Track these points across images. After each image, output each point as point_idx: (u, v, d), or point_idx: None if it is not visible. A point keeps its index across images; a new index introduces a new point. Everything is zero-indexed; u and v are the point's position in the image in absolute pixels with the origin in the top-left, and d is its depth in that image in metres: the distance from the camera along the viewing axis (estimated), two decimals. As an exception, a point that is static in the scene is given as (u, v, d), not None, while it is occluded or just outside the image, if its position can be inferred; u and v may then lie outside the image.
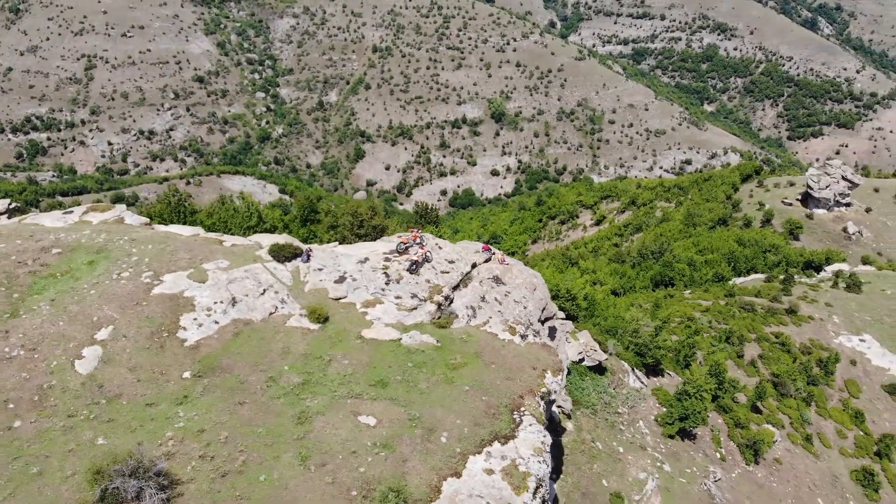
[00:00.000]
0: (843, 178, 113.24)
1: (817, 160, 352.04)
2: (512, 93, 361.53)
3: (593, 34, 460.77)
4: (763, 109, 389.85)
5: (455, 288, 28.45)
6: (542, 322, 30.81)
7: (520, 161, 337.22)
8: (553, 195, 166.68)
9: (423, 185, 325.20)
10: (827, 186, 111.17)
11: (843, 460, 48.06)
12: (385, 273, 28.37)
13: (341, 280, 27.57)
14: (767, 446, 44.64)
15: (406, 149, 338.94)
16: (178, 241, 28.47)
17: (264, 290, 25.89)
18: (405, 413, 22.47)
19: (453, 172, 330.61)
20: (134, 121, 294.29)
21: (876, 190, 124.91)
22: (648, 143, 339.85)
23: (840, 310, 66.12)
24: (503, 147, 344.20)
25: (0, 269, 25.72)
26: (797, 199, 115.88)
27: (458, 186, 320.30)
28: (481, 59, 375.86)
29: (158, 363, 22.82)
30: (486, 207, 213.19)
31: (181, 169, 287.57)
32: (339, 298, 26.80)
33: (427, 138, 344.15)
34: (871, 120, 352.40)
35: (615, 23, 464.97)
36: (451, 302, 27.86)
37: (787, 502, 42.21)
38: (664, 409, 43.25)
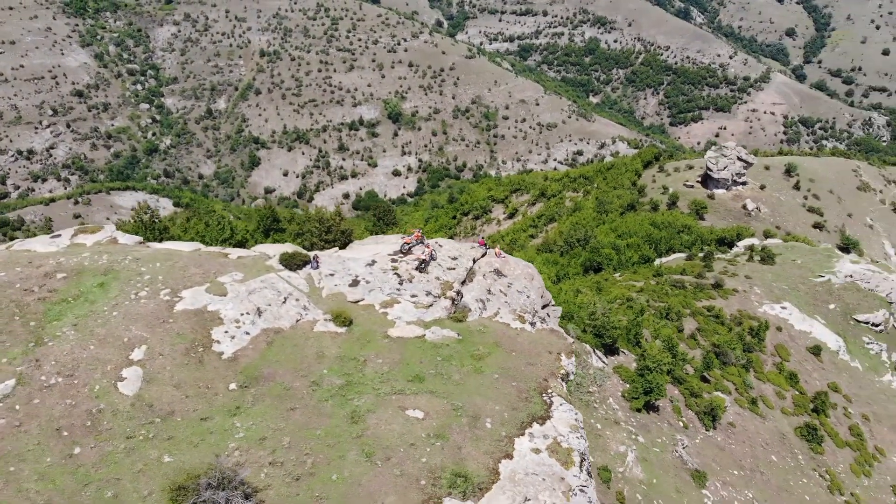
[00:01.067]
0: (739, 159, 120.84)
1: (699, 143, 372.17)
2: (407, 93, 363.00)
3: (480, 32, 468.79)
4: (645, 98, 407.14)
5: (463, 283, 29.59)
6: (543, 308, 32.42)
7: (420, 160, 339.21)
8: (465, 192, 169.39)
9: (324, 189, 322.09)
10: (724, 167, 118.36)
11: (786, 419, 52.21)
12: (396, 274, 29.17)
13: (355, 283, 28.17)
14: (722, 412, 48.07)
15: (303, 153, 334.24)
16: (183, 257, 28.24)
17: (285, 299, 26.20)
18: (448, 404, 23.46)
19: (354, 175, 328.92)
20: (11, 141, 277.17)
21: (766, 168, 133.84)
22: (541, 136, 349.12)
23: (759, 281, 71.22)
24: (403, 147, 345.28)
25: (7, 298, 24.93)
26: (697, 181, 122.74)
27: (361, 189, 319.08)
28: (373, 60, 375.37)
29: (201, 378, 22.87)
30: (398, 207, 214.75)
31: (65, 189, 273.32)
32: (358, 301, 27.42)
33: (325, 142, 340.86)
34: (745, 102, 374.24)
35: (500, 20, 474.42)
36: (462, 296, 28.97)
37: (746, 461, 45.66)
38: (628, 385, 45.81)
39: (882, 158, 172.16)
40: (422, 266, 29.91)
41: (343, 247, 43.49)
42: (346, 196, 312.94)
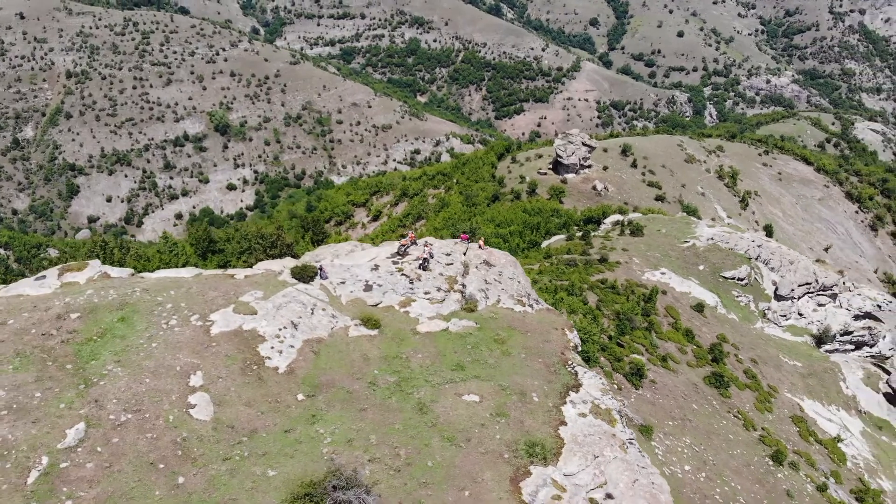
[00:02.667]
0: (584, 144, 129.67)
1: (523, 134, 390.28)
2: (232, 103, 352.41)
3: (299, 37, 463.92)
4: (469, 95, 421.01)
5: (462, 276, 31.40)
6: (529, 292, 34.97)
7: (255, 171, 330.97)
8: (323, 199, 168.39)
9: (154, 211, 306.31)
10: (572, 153, 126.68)
11: (693, 371, 58.17)
12: (403, 275, 30.48)
13: (369, 288, 29.19)
14: (646, 371, 52.95)
15: (127, 176, 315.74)
16: (192, 283, 27.99)
17: (312, 310, 26.88)
18: (495, 385, 25.47)
19: (185, 193, 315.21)
20: None
21: (605, 150, 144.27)
22: (378, 138, 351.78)
23: (635, 252, 77.91)
24: (235, 159, 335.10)
25: (29, 345, 23.93)
26: (549, 168, 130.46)
27: (194, 207, 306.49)
28: (192, 73, 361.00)
29: (268, 393, 23.33)
30: (248, 222, 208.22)
31: None
32: (377, 304, 28.53)
33: (149, 161, 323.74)
34: (561, 92, 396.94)
35: (318, 25, 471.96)
36: (466, 288, 30.80)
37: (675, 412, 50.77)
38: (565, 359, 49.50)
39: (700, 132, 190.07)
40: (424, 264, 31.47)
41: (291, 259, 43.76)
42: (179, 216, 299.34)
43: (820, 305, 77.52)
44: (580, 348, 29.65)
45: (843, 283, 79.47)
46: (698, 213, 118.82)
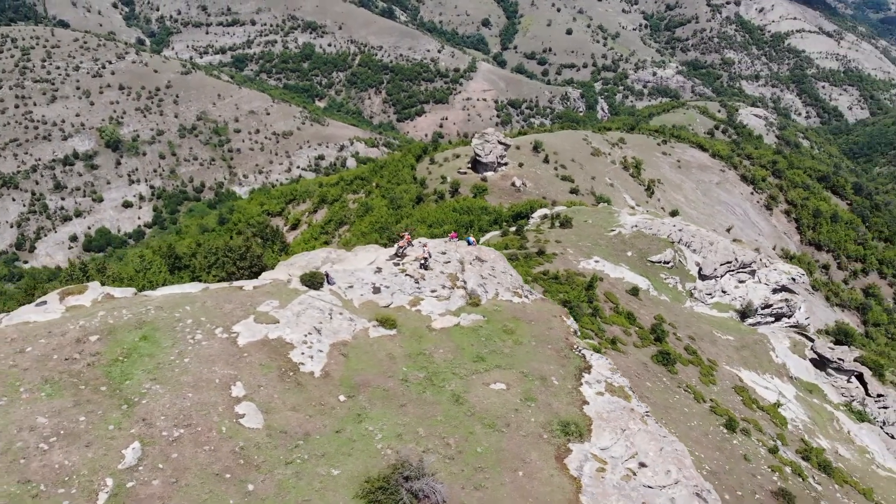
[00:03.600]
0: (500, 143, 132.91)
1: (426, 135, 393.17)
2: (123, 117, 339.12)
3: (188, 47, 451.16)
4: (369, 98, 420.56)
5: (461, 273, 32.54)
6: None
7: (152, 187, 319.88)
8: (235, 210, 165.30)
9: (46, 235, 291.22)
10: (490, 152, 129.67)
11: (640, 351, 61.31)
12: (407, 275, 31.33)
13: (378, 290, 29.94)
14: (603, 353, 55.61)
15: (14, 200, 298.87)
16: (204, 297, 27.99)
17: (330, 315, 27.47)
18: (517, 373, 26.92)
19: (79, 214, 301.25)
20: None
21: (517, 147, 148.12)
22: (279, 145, 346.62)
23: (567, 243, 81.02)
24: (129, 176, 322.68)
25: (56, 370, 23.59)
26: (468, 168, 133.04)
27: (90, 228, 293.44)
28: (78, 88, 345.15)
29: (310, 397, 23.89)
30: (158, 240, 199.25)
31: None
32: (388, 305, 29.34)
33: (37, 183, 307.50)
34: (460, 93, 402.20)
35: (207, 33, 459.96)
36: (466, 284, 31.98)
37: (634, 390, 53.58)
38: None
39: (602, 126, 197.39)
40: (425, 263, 32.46)
41: (257, 273, 43.83)
42: (74, 238, 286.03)
43: (741, 282, 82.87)
44: (579, 333, 31.48)
45: (760, 260, 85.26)
46: (611, 204, 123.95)
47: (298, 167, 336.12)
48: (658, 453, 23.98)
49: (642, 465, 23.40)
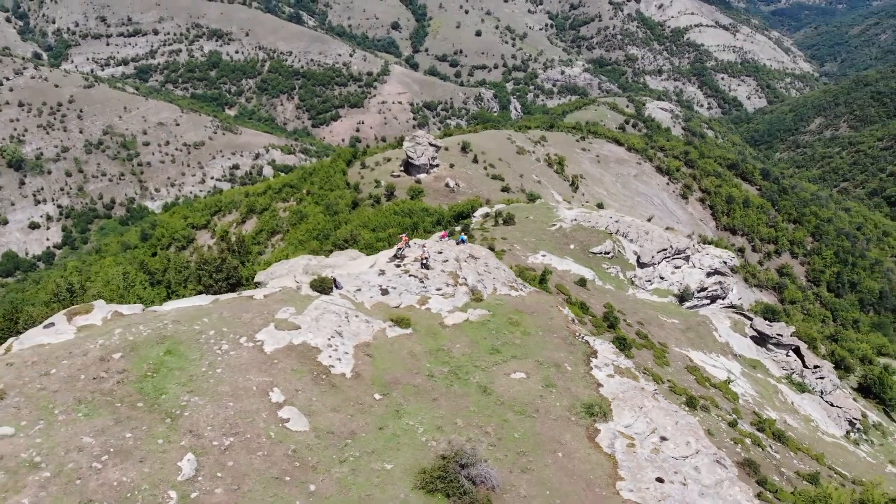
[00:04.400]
0: (430, 144, 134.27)
1: (343, 140, 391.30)
2: (24, 135, 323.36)
3: (88, 59, 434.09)
4: (282, 104, 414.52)
5: (458, 270, 33.46)
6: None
7: (60, 206, 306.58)
8: (158, 225, 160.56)
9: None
10: (422, 154, 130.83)
11: (597, 338, 63.63)
12: (411, 276, 32.01)
13: (386, 292, 30.54)
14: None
15: None
16: (218, 309, 27.97)
17: (347, 318, 28.00)
18: (532, 362, 28.20)
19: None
20: None
21: (446, 148, 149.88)
22: (191, 156, 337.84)
23: (513, 239, 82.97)
24: (34, 196, 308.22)
25: (86, 390, 23.37)
26: (401, 171, 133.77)
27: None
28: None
29: (347, 397, 24.46)
30: (75, 261, 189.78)
31: None
32: (398, 306, 30.01)
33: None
34: (374, 96, 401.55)
35: (108, 45, 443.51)
36: (467, 280, 32.96)
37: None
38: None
39: (523, 125, 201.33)
40: (425, 263, 33.24)
41: (234, 286, 43.77)
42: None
43: (677, 268, 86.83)
44: (576, 320, 33.01)
45: (693, 246, 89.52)
46: (541, 200, 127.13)
47: (212, 178, 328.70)
48: (675, 427, 25.69)
49: (663, 438, 25.04)
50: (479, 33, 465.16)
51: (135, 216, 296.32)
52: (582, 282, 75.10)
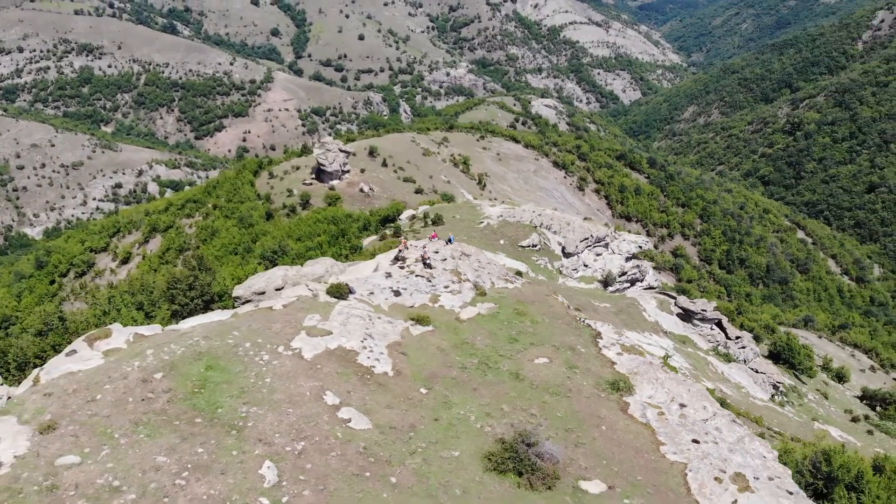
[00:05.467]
0: (341, 150, 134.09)
1: (229, 151, 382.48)
2: None
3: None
4: (161, 118, 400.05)
5: (457, 267, 34.71)
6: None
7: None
8: (53, 251, 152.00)
9: None
10: (334, 160, 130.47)
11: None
12: (417, 276, 32.94)
13: (398, 294, 31.38)
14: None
15: None
16: (243, 322, 28.07)
17: (371, 320, 28.79)
18: (550, 347, 30.01)
19: None
20: None
21: (354, 154, 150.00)
22: (70, 178, 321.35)
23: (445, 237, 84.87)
24: None
25: (139, 412, 23.31)
26: (313, 178, 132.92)
27: None
28: None
29: (397, 394, 25.39)
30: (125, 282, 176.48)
31: None
32: (413, 305, 30.96)
33: None
34: (259, 105, 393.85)
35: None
36: (468, 276, 34.26)
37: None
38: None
39: (423, 127, 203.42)
40: (428, 263, 34.26)
41: (208, 302, 43.45)
42: None
43: (598, 255, 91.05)
44: (572, 307, 35.06)
45: (612, 234, 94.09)
46: (454, 200, 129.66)
47: (95, 199, 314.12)
48: (689, 394, 28.13)
49: (682, 405, 27.40)
50: (361, 37, 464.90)
51: (14, 245, 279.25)
52: (518, 274, 77.64)
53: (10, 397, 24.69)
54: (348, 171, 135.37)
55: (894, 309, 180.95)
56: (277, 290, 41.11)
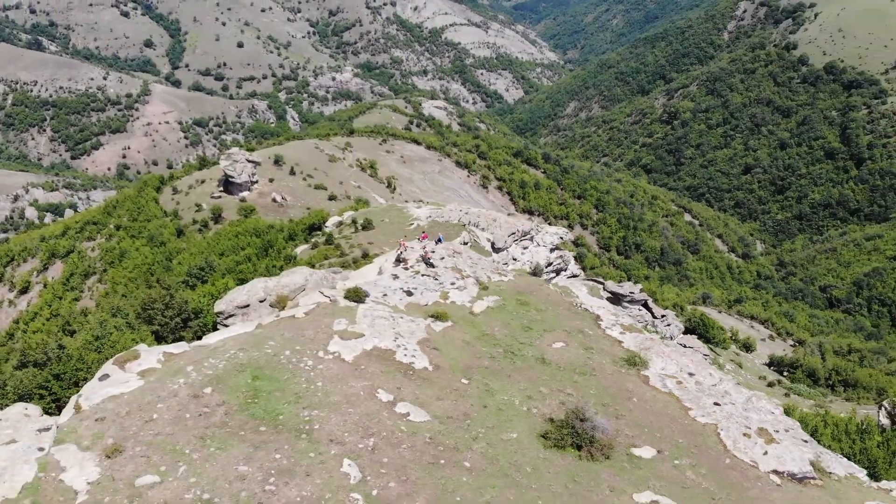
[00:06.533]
0: (249, 161, 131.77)
1: (109, 169, 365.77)
2: None
3: None
4: (33, 138, 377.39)
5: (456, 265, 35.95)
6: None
7: None
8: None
9: None
10: (242, 171, 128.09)
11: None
12: (423, 275, 33.88)
13: (410, 294, 32.25)
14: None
15: None
16: (275, 331, 28.26)
17: (394, 320, 29.67)
18: (562, 332, 31.94)
19: None
20: None
21: (259, 163, 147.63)
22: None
23: (379, 242, 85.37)
24: None
25: (200, 427, 23.42)
26: (221, 191, 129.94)
27: None
28: None
29: (443, 386, 26.51)
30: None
31: None
32: (427, 304, 31.98)
33: None
34: (138, 119, 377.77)
35: None
36: (468, 272, 35.55)
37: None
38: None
39: (323, 133, 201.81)
40: (430, 262, 35.24)
41: (185, 322, 42.98)
42: None
43: (525, 248, 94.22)
44: (564, 294, 37.12)
45: (535, 227, 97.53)
46: (367, 205, 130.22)
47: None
48: (694, 364, 30.76)
49: (691, 374, 29.96)
50: (241, 44, 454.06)
51: None
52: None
53: (57, 426, 24.13)
54: (257, 182, 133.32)
55: (780, 281, 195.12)
56: (261, 301, 41.29)
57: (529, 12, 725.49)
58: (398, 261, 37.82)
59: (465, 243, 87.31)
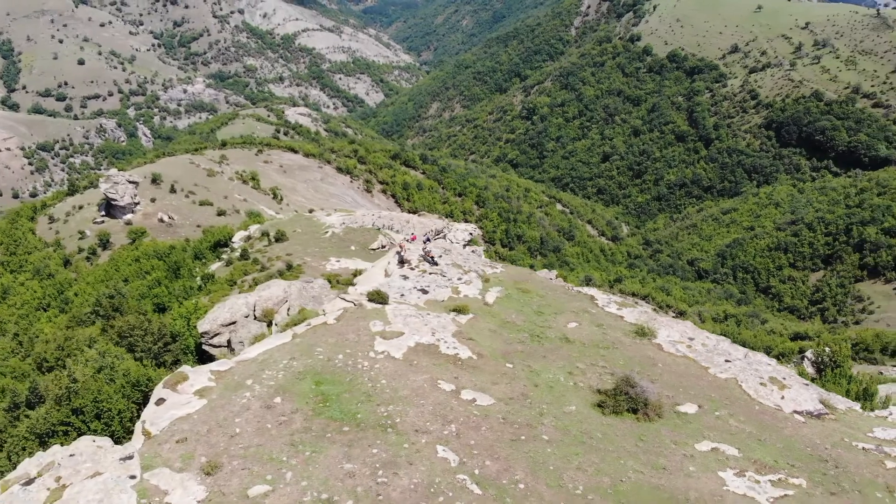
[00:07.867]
0: (129, 182, 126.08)
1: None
2: None
3: None
4: None
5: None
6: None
7: None
8: None
9: None
10: (125, 194, 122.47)
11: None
12: (431, 273, 35.04)
13: (425, 292, 33.38)
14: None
15: None
16: (309, 339, 28.80)
17: (423, 316, 30.89)
18: (570, 312, 34.40)
19: None
20: None
21: (138, 183, 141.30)
22: None
23: (298, 253, 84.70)
24: None
25: (285, 434, 23.87)
26: (103, 215, 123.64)
27: None
28: None
29: (492, 372, 28.12)
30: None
31: None
32: (444, 299, 33.30)
33: None
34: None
35: None
36: (469, 267, 37.08)
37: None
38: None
39: (194, 147, 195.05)
40: (431, 260, 36.38)
41: (168, 344, 42.23)
42: None
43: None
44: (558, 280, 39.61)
45: (448, 225, 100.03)
46: (262, 217, 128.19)
47: None
48: (688, 329, 34.10)
49: (691, 338, 33.26)
50: (82, 62, 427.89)
51: None
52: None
53: (134, 454, 23.77)
54: (139, 203, 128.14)
55: (649, 258, 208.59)
56: (246, 317, 41.39)
57: (379, 15, 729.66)
58: (401, 262, 38.93)
59: (383, 247, 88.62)
